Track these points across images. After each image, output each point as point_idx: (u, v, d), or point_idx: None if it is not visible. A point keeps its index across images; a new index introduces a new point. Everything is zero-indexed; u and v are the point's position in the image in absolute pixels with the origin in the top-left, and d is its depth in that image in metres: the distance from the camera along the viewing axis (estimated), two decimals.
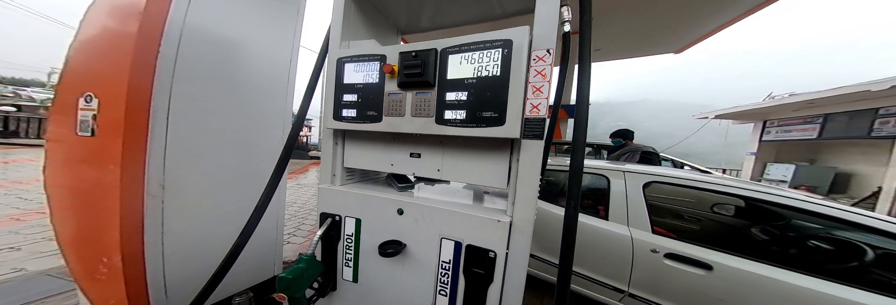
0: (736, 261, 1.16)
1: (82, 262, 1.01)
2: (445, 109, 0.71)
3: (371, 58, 0.83)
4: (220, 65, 1.18)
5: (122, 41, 0.89)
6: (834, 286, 1.02)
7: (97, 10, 0.99)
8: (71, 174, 1.01)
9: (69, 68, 1.00)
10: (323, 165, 0.98)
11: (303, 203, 4.44)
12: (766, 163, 8.63)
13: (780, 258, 1.17)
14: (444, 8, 1.06)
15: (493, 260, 0.66)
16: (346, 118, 0.87)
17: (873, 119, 6.08)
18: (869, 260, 1.16)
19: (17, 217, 2.73)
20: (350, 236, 0.90)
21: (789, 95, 7.49)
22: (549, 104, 0.61)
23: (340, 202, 0.91)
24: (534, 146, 0.63)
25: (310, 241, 2.23)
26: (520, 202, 0.65)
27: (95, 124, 0.92)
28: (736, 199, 1.43)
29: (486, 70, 0.65)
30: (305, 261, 0.81)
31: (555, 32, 0.61)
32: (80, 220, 1.00)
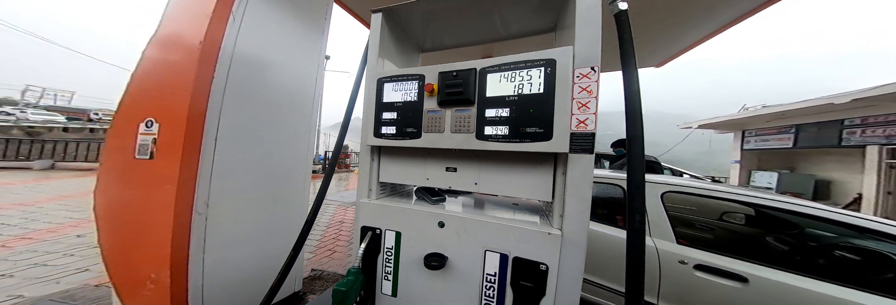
0: (771, 273, 1.12)
1: (130, 279, 1.03)
2: (485, 126, 0.76)
3: (410, 78, 0.89)
4: (258, 85, 1.25)
5: (183, 71, 0.97)
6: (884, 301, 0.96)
7: (158, 42, 1.09)
8: (124, 196, 1.05)
9: (129, 97, 1.07)
10: (361, 179, 1.00)
11: None
12: (750, 170, 9.03)
13: (815, 269, 1.13)
14: (462, 29, 1.16)
15: (544, 273, 0.67)
16: (386, 135, 0.90)
17: (841, 129, 6.59)
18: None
19: (2, 244, 2.53)
20: (390, 249, 0.89)
21: (762, 106, 8.08)
22: (596, 119, 0.65)
23: (379, 215, 0.91)
24: (583, 160, 0.67)
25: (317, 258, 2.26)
26: (571, 214, 0.67)
27: (155, 147, 0.97)
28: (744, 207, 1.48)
29: (528, 88, 0.71)
30: (354, 274, 0.81)
31: (598, 51, 0.66)
32: (131, 239, 1.03)
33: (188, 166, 0.95)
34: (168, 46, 1.07)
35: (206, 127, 1.00)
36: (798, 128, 7.68)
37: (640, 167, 0.57)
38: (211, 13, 0.99)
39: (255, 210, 1.29)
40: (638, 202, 0.56)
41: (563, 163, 0.71)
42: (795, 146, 7.83)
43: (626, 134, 0.60)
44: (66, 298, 1.56)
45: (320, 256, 2.74)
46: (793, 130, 7.84)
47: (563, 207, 0.69)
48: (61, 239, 2.75)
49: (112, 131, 1.07)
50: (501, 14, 1.01)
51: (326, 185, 1.02)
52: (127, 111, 1.06)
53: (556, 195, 0.73)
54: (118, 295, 1.04)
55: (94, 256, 2.35)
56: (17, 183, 5.70)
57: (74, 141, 9.02)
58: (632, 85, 0.61)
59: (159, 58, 1.07)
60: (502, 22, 1.07)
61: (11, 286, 1.76)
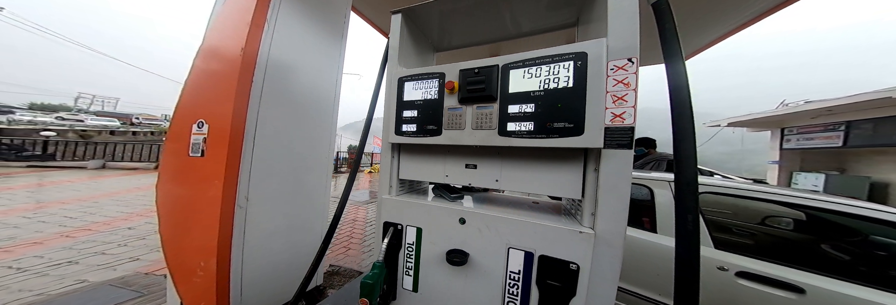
0: (830, 283, 1.00)
1: (183, 266, 1.14)
2: (508, 122, 0.75)
3: (430, 76, 0.89)
4: (287, 90, 1.35)
5: (228, 76, 1.08)
6: None
7: (206, 52, 1.21)
8: (180, 190, 1.17)
9: (182, 101, 1.20)
10: (383, 176, 1.02)
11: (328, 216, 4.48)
12: (791, 172, 8.24)
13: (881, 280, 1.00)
14: (477, 28, 1.15)
15: (575, 273, 0.65)
16: (407, 133, 0.92)
17: None
18: None
19: (66, 234, 2.85)
20: (411, 244, 0.90)
21: (804, 102, 7.36)
22: (635, 113, 0.62)
23: (401, 211, 0.93)
24: (620, 156, 0.64)
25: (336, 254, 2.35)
26: (605, 213, 0.64)
27: (205, 145, 1.08)
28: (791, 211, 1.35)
29: (556, 82, 0.69)
30: (379, 267, 0.83)
31: (636, 42, 0.63)
32: (185, 229, 1.15)
33: (232, 163, 1.05)
34: (214, 55, 1.19)
35: (246, 127, 1.10)
36: (849, 125, 6.91)
37: (692, 165, 0.53)
38: (250, 22, 1.09)
39: (284, 205, 1.38)
40: (691, 202, 0.51)
41: (594, 159, 0.68)
42: (845, 145, 7.03)
43: (673, 130, 0.56)
44: (123, 284, 1.76)
45: (336, 253, 2.83)
46: (842, 127, 7.06)
47: (595, 205, 0.66)
48: (116, 231, 3.05)
49: (170, 132, 1.20)
50: (516, 12, 1.00)
51: (351, 182, 1.07)
52: (182, 114, 1.17)
53: (586, 193, 0.70)
54: (173, 281, 1.14)
55: (142, 247, 2.58)
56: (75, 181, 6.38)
57: (121, 143, 9.95)
58: (679, 77, 0.57)
59: (207, 66, 1.19)
60: (517, 20, 1.06)
61: (77, 272, 1.98)
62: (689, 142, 0.54)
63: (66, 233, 2.88)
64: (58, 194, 4.96)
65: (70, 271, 1.98)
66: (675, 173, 0.55)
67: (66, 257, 2.23)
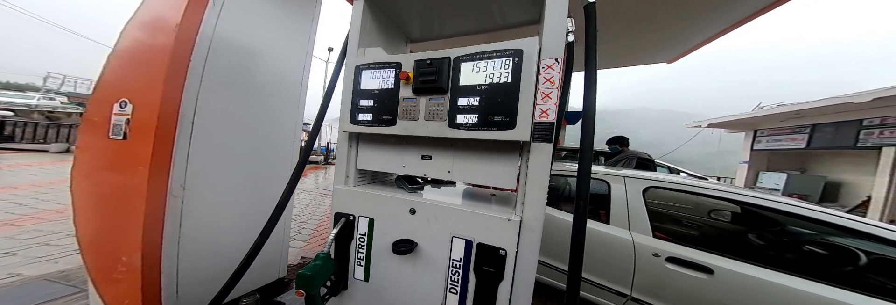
0: (736, 265, 1.18)
1: (101, 262, 1.03)
2: (458, 114, 0.76)
3: (387, 65, 0.88)
4: (241, 72, 1.24)
5: (159, 53, 0.96)
6: (830, 289, 1.04)
7: (135, 25, 1.07)
8: (99, 177, 1.05)
9: (104, 78, 1.06)
10: (338, 166, 1.02)
11: (302, 208, 4.41)
12: (758, 172, 8.80)
13: (778, 262, 1.19)
14: (451, 19, 1.14)
15: (503, 258, 0.69)
16: (362, 122, 0.91)
17: (858, 130, 6.33)
18: (863, 265, 1.19)
19: (11, 223, 2.68)
20: (363, 235, 0.92)
21: (777, 105, 7.77)
22: (557, 109, 0.66)
23: (354, 202, 0.94)
24: (543, 149, 0.68)
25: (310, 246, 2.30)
26: (529, 202, 0.68)
27: (128, 128, 0.97)
28: (732, 205, 1.48)
29: (497, 77, 0.71)
30: (322, 259, 0.83)
31: (562, 42, 0.66)
32: (104, 220, 1.03)
33: (162, 148, 0.94)
34: (145, 28, 1.05)
35: (182, 110, 0.99)
36: (814, 128, 7.38)
37: (589, 159, 0.61)
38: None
39: (239, 197, 1.29)
40: (584, 192, 0.60)
41: (527, 152, 0.71)
42: (809, 147, 7.55)
43: (582, 128, 0.62)
44: (61, 278, 1.58)
45: (314, 245, 2.84)
46: (807, 130, 7.54)
47: (524, 194, 0.69)
48: (67, 220, 2.90)
49: (89, 110, 1.06)
50: (490, 5, 0.99)
51: (298, 174, 1.00)
52: (103, 91, 1.04)
53: (519, 183, 0.73)
54: (91, 278, 1.01)
55: None
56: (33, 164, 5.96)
57: None
58: (590, 83, 0.63)
59: (136, 39, 1.05)
60: (491, 13, 1.05)
61: (13, 264, 1.80)
62: (589, 142, 0.62)
63: (11, 221, 2.67)
64: (11, 178, 4.64)
65: (5, 263, 1.80)
66: (578, 167, 0.62)
67: (5, 247, 2.06)
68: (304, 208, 4.45)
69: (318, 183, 7.48)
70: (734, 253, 1.23)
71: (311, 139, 1.07)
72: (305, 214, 4.09)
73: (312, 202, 5.08)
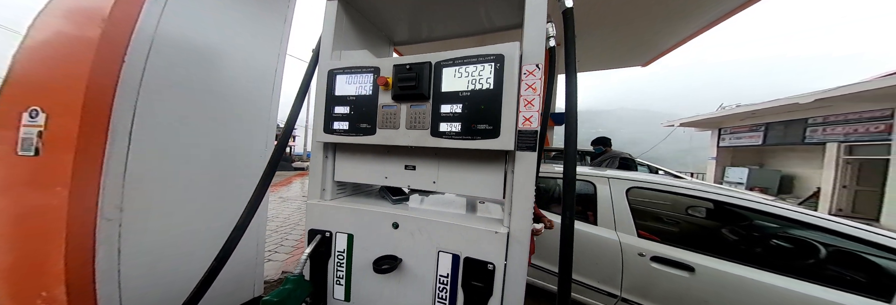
0: (714, 262, 1.23)
1: (16, 299, 0.86)
2: (440, 122, 0.73)
3: (364, 70, 0.83)
4: (198, 74, 1.11)
5: (81, 50, 0.80)
6: (798, 283, 1.09)
7: (50, 15, 0.90)
8: (7, 199, 0.88)
9: (12, 80, 0.89)
10: (312, 179, 0.94)
11: (285, 217, 4.18)
12: (725, 167, 9.58)
13: (750, 257, 1.25)
14: (435, 22, 1.11)
15: (491, 272, 0.65)
16: (338, 131, 0.85)
17: (805, 127, 7.08)
18: (822, 257, 1.27)
19: None
20: (341, 252, 0.85)
21: (736, 105, 8.54)
22: (540, 117, 0.64)
23: (331, 217, 0.87)
24: (527, 158, 0.65)
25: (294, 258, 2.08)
26: (516, 212, 0.66)
27: (40, 141, 0.81)
28: (705, 202, 1.55)
29: (480, 83, 0.68)
30: (293, 281, 0.75)
31: (543, 48, 0.65)
32: (17, 250, 0.86)
33: (87, 165, 0.79)
34: (65, 18, 0.87)
35: (114, 118, 0.83)
36: (768, 126, 8.17)
37: (573, 162, 0.60)
38: None
39: (197, 214, 1.13)
40: (570, 198, 0.60)
41: (512, 161, 0.69)
42: (764, 144, 8.36)
43: (565, 133, 0.61)
44: None
45: (299, 256, 2.67)
46: (763, 128, 8.34)
47: (510, 205, 0.67)
48: None
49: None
50: (475, 9, 0.97)
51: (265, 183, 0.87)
52: (9, 96, 0.87)
53: (506, 194, 0.71)
54: None
55: None
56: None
57: None
58: (571, 86, 0.62)
59: (54, 32, 0.87)
60: (478, 17, 1.03)
61: None
62: (573, 146, 0.61)
63: None
64: None
65: None
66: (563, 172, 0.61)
67: None
68: (288, 217, 4.21)
69: (304, 191, 7.14)
70: (711, 250, 1.28)
71: (279, 146, 0.96)
72: (289, 224, 3.87)
73: (296, 211, 4.83)
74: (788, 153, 8.38)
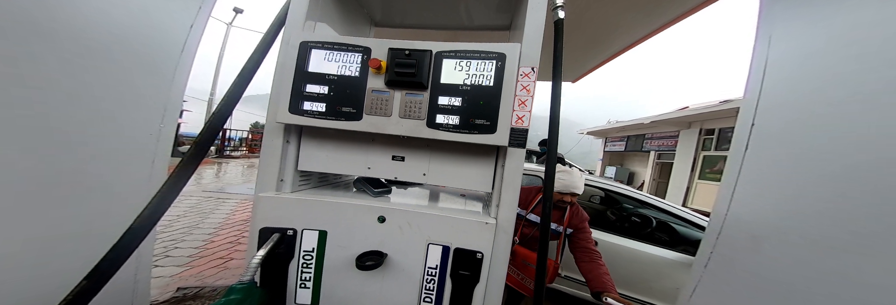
0: (605, 236, 1.75)
1: None
2: (438, 113, 0.72)
3: (351, 48, 0.73)
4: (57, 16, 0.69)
5: None
6: (643, 245, 1.70)
7: None
8: None
9: None
10: (264, 168, 0.76)
11: (170, 220, 3.13)
12: (605, 166, 13.57)
13: (621, 230, 1.86)
14: (424, 11, 1.06)
15: (480, 261, 0.71)
16: (311, 113, 0.72)
17: (643, 140, 10.68)
18: (654, 226, 2.00)
19: None
20: (309, 252, 0.74)
21: (616, 121, 12.08)
22: (530, 117, 0.72)
23: (295, 212, 0.73)
24: (517, 154, 0.73)
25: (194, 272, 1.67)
26: (504, 204, 0.73)
27: None
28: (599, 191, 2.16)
29: (480, 79, 0.70)
30: (241, 290, 0.60)
31: (538, 52, 0.72)
32: None
33: None
34: None
35: None
36: (628, 138, 12.00)
37: (554, 161, 0.75)
38: None
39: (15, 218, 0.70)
40: (549, 191, 0.73)
41: (503, 156, 0.76)
42: (625, 150, 12.32)
43: (549, 136, 0.74)
44: None
45: (203, 268, 2.07)
46: (625, 139, 12.19)
47: (499, 197, 0.74)
48: None
49: None
50: (465, 3, 0.97)
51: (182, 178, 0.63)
52: None
53: (495, 187, 0.78)
54: None
55: None
56: None
57: None
58: (556, 92, 0.73)
59: None
60: (465, 11, 1.03)
61: None
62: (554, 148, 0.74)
63: None
64: None
65: None
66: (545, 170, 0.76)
67: None
68: (175, 219, 3.17)
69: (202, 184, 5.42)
70: (604, 227, 1.83)
71: (212, 126, 0.70)
72: (178, 228, 2.92)
73: (194, 208, 3.69)
74: (634, 157, 12.49)
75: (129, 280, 1.03)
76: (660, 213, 2.02)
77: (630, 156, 12.58)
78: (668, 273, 1.67)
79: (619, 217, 2.24)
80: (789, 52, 0.83)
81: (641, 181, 10.82)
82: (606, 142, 13.66)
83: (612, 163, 13.29)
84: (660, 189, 9.86)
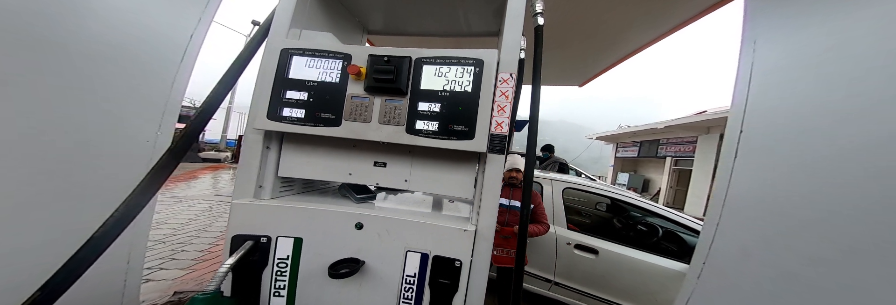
0: (609, 245, 1.64)
1: None
2: (417, 119, 0.71)
3: (332, 55, 0.74)
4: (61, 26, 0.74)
5: None
6: (649, 256, 1.58)
7: None
8: None
9: None
10: (242, 174, 0.77)
11: (182, 223, 3.23)
12: (617, 172, 13.00)
13: (627, 239, 1.74)
14: (413, 16, 1.08)
15: (458, 269, 0.68)
16: (289, 119, 0.73)
17: (658, 146, 10.21)
18: (660, 236, 1.87)
19: None
20: (284, 259, 0.72)
21: (627, 126, 11.66)
22: (509, 123, 0.70)
23: (271, 219, 0.73)
24: (497, 160, 0.71)
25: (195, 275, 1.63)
26: (484, 210, 0.71)
27: None
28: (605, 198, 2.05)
29: (458, 85, 0.70)
30: (204, 301, 0.59)
31: (516, 58, 0.72)
32: None
33: None
34: None
35: None
36: (641, 143, 11.51)
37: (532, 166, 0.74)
38: None
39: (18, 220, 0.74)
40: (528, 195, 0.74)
41: (483, 162, 0.74)
42: (638, 156, 11.79)
43: (527, 139, 0.71)
44: None
45: (204, 271, 2.10)
46: (638, 144, 11.69)
47: (479, 204, 0.71)
48: None
49: None
50: (455, 10, 0.98)
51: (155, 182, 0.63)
52: None
53: (476, 193, 0.75)
54: None
55: None
56: None
57: None
58: (535, 96, 0.73)
59: None
60: (456, 19, 1.05)
61: None
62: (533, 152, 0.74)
63: None
64: None
65: None
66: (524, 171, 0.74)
67: None
68: (186, 222, 3.27)
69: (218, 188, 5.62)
70: (608, 236, 1.71)
71: (190, 131, 0.71)
72: (187, 231, 3.00)
73: (206, 212, 3.80)
74: (649, 164, 11.93)
75: (118, 286, 1.04)
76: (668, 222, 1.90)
77: (644, 162, 12.05)
78: (673, 285, 1.54)
79: (625, 226, 2.12)
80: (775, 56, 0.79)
81: (657, 189, 10.32)
82: (618, 147, 13.20)
83: (624, 169, 12.78)
84: (678, 198, 9.37)
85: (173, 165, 0.67)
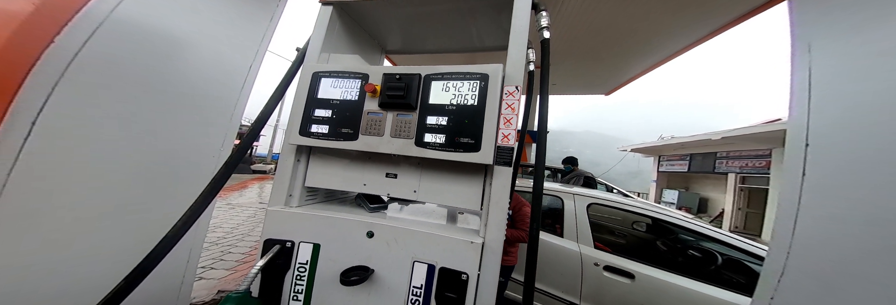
0: (649, 270, 1.42)
1: None
2: (426, 132, 0.75)
3: (353, 75, 0.84)
4: (148, 66, 0.96)
5: None
6: (702, 285, 1.33)
7: None
8: None
9: None
10: (277, 184, 0.87)
11: (232, 227, 3.61)
12: (662, 189, 11.21)
13: (674, 265, 1.48)
14: (428, 36, 1.19)
15: (465, 283, 0.66)
16: (316, 135, 0.82)
17: (715, 160, 8.74)
18: (719, 264, 1.55)
19: None
20: (303, 264, 0.77)
21: (671, 137, 10.28)
22: (516, 135, 0.71)
23: (295, 225, 0.80)
24: (504, 172, 0.71)
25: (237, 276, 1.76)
26: (491, 223, 0.69)
27: None
28: (645, 218, 1.80)
29: (465, 99, 0.73)
30: (236, 299, 0.65)
31: (523, 71, 0.74)
32: None
33: None
34: None
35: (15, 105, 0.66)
36: (691, 157, 9.94)
37: (541, 178, 0.72)
38: None
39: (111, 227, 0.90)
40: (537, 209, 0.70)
41: (491, 175, 0.73)
42: (689, 171, 10.10)
43: (535, 151, 0.69)
44: None
45: (245, 272, 2.29)
46: (688, 158, 10.11)
47: (487, 216, 0.70)
48: None
49: None
50: (467, 28, 1.06)
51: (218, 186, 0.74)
52: None
53: (483, 206, 0.74)
54: None
55: None
56: None
57: None
58: (543, 107, 0.72)
59: None
60: (469, 36, 1.12)
61: None
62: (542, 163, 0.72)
63: None
64: None
65: None
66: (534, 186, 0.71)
67: None
68: (235, 227, 3.64)
69: (262, 197, 6.30)
70: (648, 259, 1.48)
71: (242, 146, 0.85)
72: (235, 235, 3.34)
73: (250, 218, 4.22)
74: (704, 180, 10.19)
75: (177, 282, 1.19)
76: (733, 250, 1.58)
77: (698, 178, 10.35)
78: None
79: (672, 249, 1.81)
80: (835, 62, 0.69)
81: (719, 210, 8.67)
82: (660, 161, 11.65)
83: (671, 185, 11.05)
84: (750, 221, 7.74)
85: (227, 175, 0.79)
